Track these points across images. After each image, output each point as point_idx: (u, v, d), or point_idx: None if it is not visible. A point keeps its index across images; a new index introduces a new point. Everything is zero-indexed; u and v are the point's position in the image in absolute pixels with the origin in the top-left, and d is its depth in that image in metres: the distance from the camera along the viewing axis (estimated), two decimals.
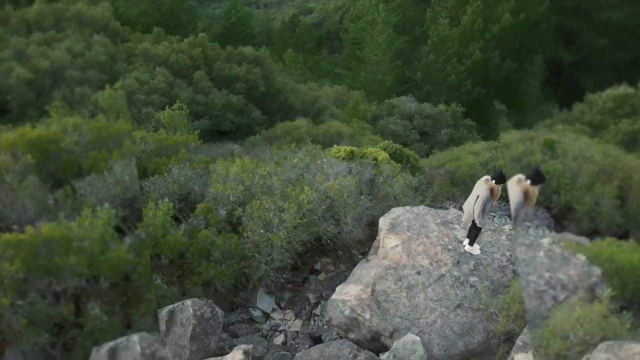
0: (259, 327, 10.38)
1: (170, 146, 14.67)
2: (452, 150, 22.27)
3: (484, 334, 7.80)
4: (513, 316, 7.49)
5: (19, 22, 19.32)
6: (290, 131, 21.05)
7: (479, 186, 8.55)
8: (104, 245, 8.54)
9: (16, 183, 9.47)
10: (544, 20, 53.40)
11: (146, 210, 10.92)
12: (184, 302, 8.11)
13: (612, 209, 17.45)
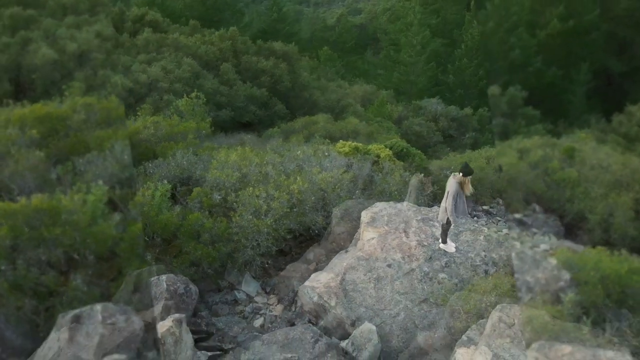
0: (242, 309, 10.68)
1: (180, 132, 15.21)
2: (466, 153, 22.08)
3: (445, 330, 7.83)
4: (472, 313, 7.51)
5: (55, 4, 20.46)
6: (308, 126, 21.33)
7: (448, 183, 8.62)
8: (93, 220, 9.11)
9: (20, 156, 10.22)
10: (593, 27, 51.72)
11: (143, 189, 11.45)
12: (159, 277, 8.51)
13: (626, 221, 16.93)
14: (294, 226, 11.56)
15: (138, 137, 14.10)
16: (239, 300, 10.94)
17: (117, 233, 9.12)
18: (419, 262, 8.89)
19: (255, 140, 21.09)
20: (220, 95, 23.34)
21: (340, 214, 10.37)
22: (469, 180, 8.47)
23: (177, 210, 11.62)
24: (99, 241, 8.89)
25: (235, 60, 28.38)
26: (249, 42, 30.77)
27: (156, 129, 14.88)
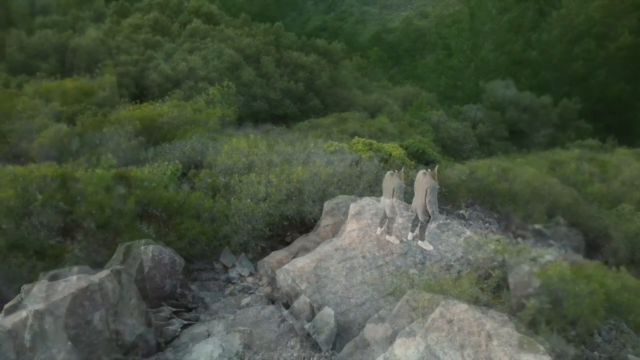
0: (233, 287, 11.18)
1: (204, 118, 15.95)
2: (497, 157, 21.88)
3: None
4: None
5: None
6: (338, 122, 21.68)
7: (422, 181, 8.62)
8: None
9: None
10: None
11: (153, 167, 12.22)
12: (147, 247, 9.13)
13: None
14: (291, 213, 11.95)
15: (162, 120, 14.94)
16: (231, 279, 11.44)
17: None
18: (393, 256, 9.02)
19: (282, 132, 21.68)
20: (257, 87, 24.03)
21: (329, 207, 10.63)
22: (435, 171, 8.65)
23: (184, 189, 12.36)
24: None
25: (277, 55, 29.07)
26: (294, 37, 31.38)
27: (180, 113, 15.70)
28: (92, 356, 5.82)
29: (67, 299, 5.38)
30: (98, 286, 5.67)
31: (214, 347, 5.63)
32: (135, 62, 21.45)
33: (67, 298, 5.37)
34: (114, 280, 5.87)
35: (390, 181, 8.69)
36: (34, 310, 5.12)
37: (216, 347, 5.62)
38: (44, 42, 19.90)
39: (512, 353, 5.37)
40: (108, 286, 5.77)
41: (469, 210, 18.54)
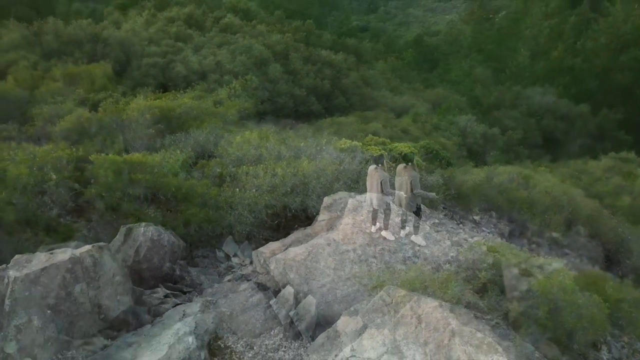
0: (232, 275, 11.47)
1: (222, 111, 16.33)
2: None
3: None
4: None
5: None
6: (360, 121, 21.85)
7: (405, 174, 8.71)
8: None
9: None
10: None
11: (165, 154, 12.62)
12: (145, 227, 9.50)
13: None
14: (295, 206, 12.13)
15: (179, 110, 15.39)
16: (232, 267, 11.73)
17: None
18: (384, 252, 9.08)
19: (302, 128, 21.94)
20: (282, 83, 24.37)
21: (328, 202, 10.73)
22: None
23: (194, 177, 12.73)
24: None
25: (307, 52, 29.35)
26: (326, 35, 31.69)
27: (199, 104, 16.12)
28: (71, 326, 6.14)
29: (48, 269, 5.70)
30: (79, 260, 5.98)
31: (183, 325, 5.84)
32: (164, 53, 22.09)
33: (48, 268, 5.70)
34: (96, 255, 6.18)
35: (375, 175, 8.74)
36: (15, 276, 5.46)
37: (185, 325, 5.84)
38: (79, 31, 20.77)
39: (471, 352, 5.38)
40: (89, 261, 6.08)
41: (484, 216, 18.33)
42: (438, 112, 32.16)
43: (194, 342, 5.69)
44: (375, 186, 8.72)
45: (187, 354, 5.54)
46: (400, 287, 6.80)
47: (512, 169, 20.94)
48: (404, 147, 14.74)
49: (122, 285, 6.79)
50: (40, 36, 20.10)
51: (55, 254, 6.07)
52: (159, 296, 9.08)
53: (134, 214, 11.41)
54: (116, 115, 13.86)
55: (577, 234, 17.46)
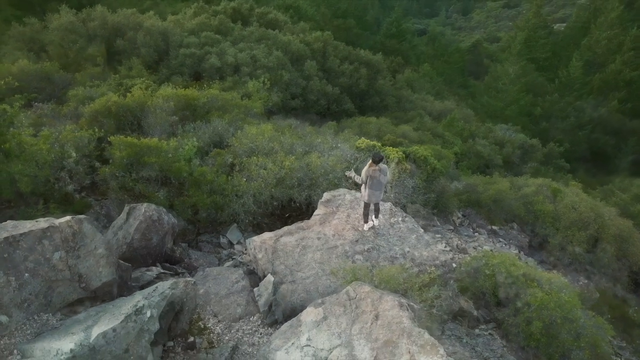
0: (232, 262, 11.81)
1: (232, 106, 16.73)
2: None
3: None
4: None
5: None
6: (363, 124, 21.92)
7: (389, 171, 9.00)
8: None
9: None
10: None
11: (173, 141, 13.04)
12: (141, 205, 9.96)
13: None
14: (300, 200, 12.35)
15: (203, 100, 15.89)
16: (232, 254, 12.08)
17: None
18: (345, 242, 9.34)
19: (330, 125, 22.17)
20: (296, 87, 24.70)
21: (327, 198, 10.84)
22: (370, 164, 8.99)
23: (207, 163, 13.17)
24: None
25: (345, 51, 29.49)
26: (341, 46, 32.04)
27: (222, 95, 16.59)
28: (50, 291, 6.56)
29: (27, 234, 6.14)
30: (58, 229, 6.40)
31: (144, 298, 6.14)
32: (202, 44, 22.79)
33: (27, 234, 6.14)
34: (74, 226, 6.57)
35: (380, 173, 9.11)
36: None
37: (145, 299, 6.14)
38: (123, 19, 21.76)
39: (414, 352, 5.39)
40: (68, 231, 6.48)
41: (505, 226, 17.89)
42: (442, 123, 31.85)
43: (150, 315, 5.97)
44: (382, 184, 8.94)
45: (141, 325, 5.82)
46: (366, 284, 6.84)
47: (541, 182, 20.29)
48: (392, 150, 14.57)
49: (105, 258, 7.16)
50: (87, 22, 21.23)
51: (39, 222, 6.51)
52: (153, 274, 9.51)
53: (145, 195, 11.94)
54: (142, 101, 14.46)
55: (602, 252, 16.73)
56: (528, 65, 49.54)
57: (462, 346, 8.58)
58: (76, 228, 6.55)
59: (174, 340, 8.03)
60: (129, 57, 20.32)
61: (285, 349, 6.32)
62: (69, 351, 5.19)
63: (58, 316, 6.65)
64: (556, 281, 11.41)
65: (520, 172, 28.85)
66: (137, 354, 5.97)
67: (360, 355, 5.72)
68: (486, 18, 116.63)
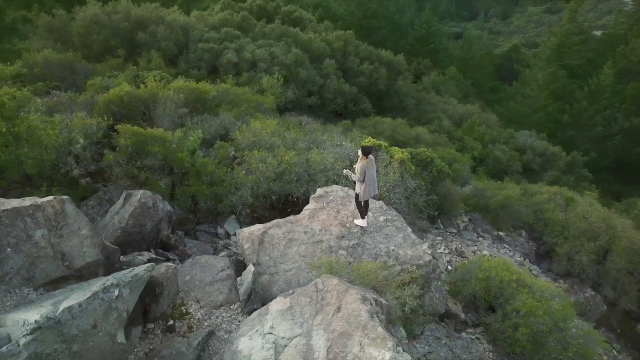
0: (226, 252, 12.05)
1: (242, 100, 16.97)
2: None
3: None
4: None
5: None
6: (377, 124, 21.88)
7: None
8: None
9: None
10: None
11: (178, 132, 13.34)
12: (143, 194, 10.27)
13: None
14: (298, 194, 12.50)
15: (213, 94, 16.21)
16: (228, 244, 12.32)
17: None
18: (332, 236, 9.43)
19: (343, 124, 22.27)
20: (313, 84, 24.79)
21: (320, 193, 10.94)
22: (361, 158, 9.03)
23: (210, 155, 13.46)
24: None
25: (342, 59, 29.57)
26: (362, 45, 31.91)
27: (233, 90, 16.88)
28: (33, 267, 6.89)
29: (9, 211, 6.47)
30: (40, 207, 6.72)
31: (113, 278, 6.40)
32: (221, 40, 23.17)
33: (9, 210, 6.47)
34: (57, 206, 6.88)
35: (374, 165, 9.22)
36: None
37: (115, 278, 6.39)
38: (145, 13, 22.36)
39: (365, 344, 5.48)
40: (50, 210, 6.80)
41: (512, 233, 17.62)
42: (462, 128, 31.37)
43: (119, 294, 6.22)
44: (375, 177, 9.07)
45: (109, 303, 6.07)
46: (335, 277, 6.94)
47: (556, 190, 19.86)
48: (397, 151, 14.49)
49: (89, 238, 7.46)
50: (111, 15, 21.90)
51: (25, 200, 6.85)
52: (144, 258, 9.80)
53: (147, 184, 12.31)
54: (154, 92, 14.86)
55: (612, 264, 16.29)
56: (559, 71, 48.30)
57: (439, 347, 8.58)
58: (58, 208, 6.85)
59: (154, 322, 8.32)
60: (149, 50, 20.86)
61: (249, 335, 6.48)
62: (33, 322, 5.47)
63: (40, 291, 6.97)
64: (549, 289, 11.25)
65: (540, 179, 28.36)
66: (105, 330, 6.22)
67: (316, 345, 5.82)
68: (526, 23, 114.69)
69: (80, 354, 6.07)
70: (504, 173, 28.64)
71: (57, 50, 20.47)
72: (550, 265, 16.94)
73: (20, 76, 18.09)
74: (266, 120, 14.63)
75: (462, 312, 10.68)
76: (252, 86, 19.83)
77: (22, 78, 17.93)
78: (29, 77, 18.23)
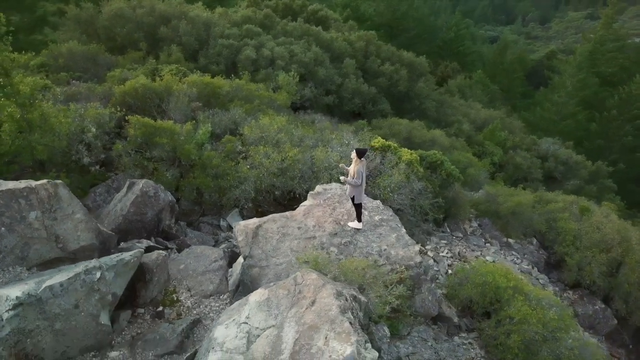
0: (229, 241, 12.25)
1: (255, 96, 17.15)
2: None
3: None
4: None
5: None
6: (394, 125, 21.77)
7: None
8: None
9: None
10: None
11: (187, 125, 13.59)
12: (145, 183, 10.55)
13: None
14: (300, 191, 12.61)
15: (223, 91, 16.46)
16: (229, 237, 12.52)
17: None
18: (325, 233, 9.46)
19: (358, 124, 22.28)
20: (331, 83, 24.80)
21: (317, 190, 11.00)
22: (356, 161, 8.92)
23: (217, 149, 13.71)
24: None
25: (363, 60, 29.46)
26: (384, 46, 31.68)
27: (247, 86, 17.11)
28: (26, 247, 7.19)
29: (4, 192, 6.78)
30: (34, 190, 7.00)
31: (96, 261, 6.63)
32: (241, 36, 23.46)
33: (4, 191, 6.78)
34: (50, 189, 7.16)
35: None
36: None
37: (98, 262, 6.62)
38: (170, 9, 22.84)
39: (330, 338, 5.54)
40: (43, 193, 7.08)
41: (523, 241, 17.33)
42: (484, 133, 30.84)
43: (101, 276, 6.44)
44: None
45: (90, 285, 6.30)
46: (314, 272, 7.02)
47: (572, 199, 19.43)
48: (406, 152, 14.38)
49: (84, 223, 7.73)
50: (136, 9, 22.45)
51: (20, 182, 7.15)
52: (142, 246, 10.04)
53: (154, 174, 12.63)
54: (169, 85, 15.20)
55: (624, 278, 15.84)
56: (590, 78, 47.02)
57: (424, 348, 8.56)
58: (52, 191, 7.13)
59: (144, 307, 8.56)
60: (171, 45, 21.29)
61: (226, 324, 6.61)
62: (14, 298, 5.73)
63: (33, 271, 7.27)
64: (547, 298, 11.04)
65: (561, 188, 27.78)
66: (87, 311, 6.45)
67: (285, 337, 5.91)
68: (565, 28, 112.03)
69: (63, 332, 6.31)
70: (524, 180, 28.10)
71: (83, 42, 21.11)
72: (560, 275, 16.60)
73: (45, 66, 18.77)
74: (275, 117, 14.77)
75: (456, 316, 10.59)
76: (268, 83, 20.01)
77: (46, 68, 18.60)
78: (53, 67, 18.90)
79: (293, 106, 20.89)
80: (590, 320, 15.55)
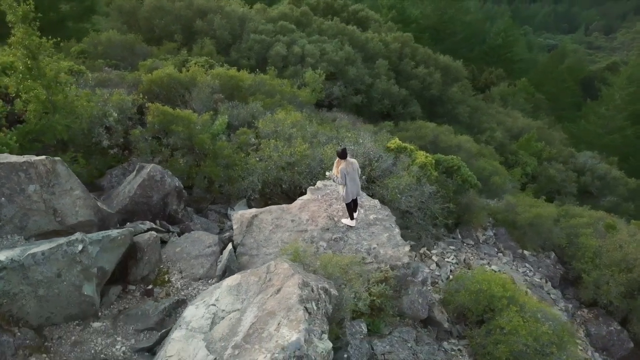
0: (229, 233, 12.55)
1: (277, 92, 17.43)
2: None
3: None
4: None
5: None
6: (420, 128, 21.57)
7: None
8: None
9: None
10: None
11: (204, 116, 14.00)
12: (153, 167, 11.00)
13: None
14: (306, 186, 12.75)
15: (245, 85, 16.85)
16: (228, 216, 12.86)
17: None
18: (317, 227, 9.64)
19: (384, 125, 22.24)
20: (361, 83, 24.79)
21: (317, 186, 11.17)
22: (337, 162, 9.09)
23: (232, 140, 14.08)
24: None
25: (397, 61, 29.23)
26: (421, 49, 31.30)
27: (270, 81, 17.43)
28: (25, 218, 7.69)
29: (5, 165, 7.28)
30: (33, 165, 7.49)
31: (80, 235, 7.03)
32: (274, 33, 23.87)
33: (5, 164, 7.29)
34: (48, 165, 7.63)
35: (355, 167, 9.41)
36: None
37: (82, 235, 7.01)
38: (207, 3, 23.52)
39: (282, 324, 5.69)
40: (41, 168, 7.55)
41: (539, 254, 16.86)
42: (519, 142, 29.93)
43: (83, 249, 6.83)
44: (357, 177, 9.25)
45: (72, 256, 6.70)
46: (287, 262, 7.18)
47: (600, 215, 18.69)
48: (421, 155, 14.25)
49: (82, 199, 8.20)
50: (175, 2, 23.26)
51: (22, 157, 7.66)
52: (144, 227, 10.48)
53: (168, 160, 13.12)
54: (193, 76, 15.72)
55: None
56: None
57: (402, 349, 8.56)
58: (49, 167, 7.60)
59: (136, 284, 8.97)
60: (205, 38, 21.94)
61: (197, 304, 6.88)
62: None
63: (32, 241, 7.77)
64: (543, 311, 10.74)
65: (596, 204, 26.73)
66: (70, 281, 6.86)
67: (245, 321, 6.11)
68: (632, 39, 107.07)
69: (47, 298, 6.74)
70: (557, 193, 27.22)
71: (123, 31, 22.07)
72: (576, 292, 16.05)
73: (84, 53, 19.77)
74: (291, 112, 15.01)
75: (447, 321, 10.49)
76: (295, 80, 20.28)
77: (85, 55, 19.60)
78: (92, 54, 19.88)
79: (320, 104, 21.06)
80: (603, 342, 14.96)
